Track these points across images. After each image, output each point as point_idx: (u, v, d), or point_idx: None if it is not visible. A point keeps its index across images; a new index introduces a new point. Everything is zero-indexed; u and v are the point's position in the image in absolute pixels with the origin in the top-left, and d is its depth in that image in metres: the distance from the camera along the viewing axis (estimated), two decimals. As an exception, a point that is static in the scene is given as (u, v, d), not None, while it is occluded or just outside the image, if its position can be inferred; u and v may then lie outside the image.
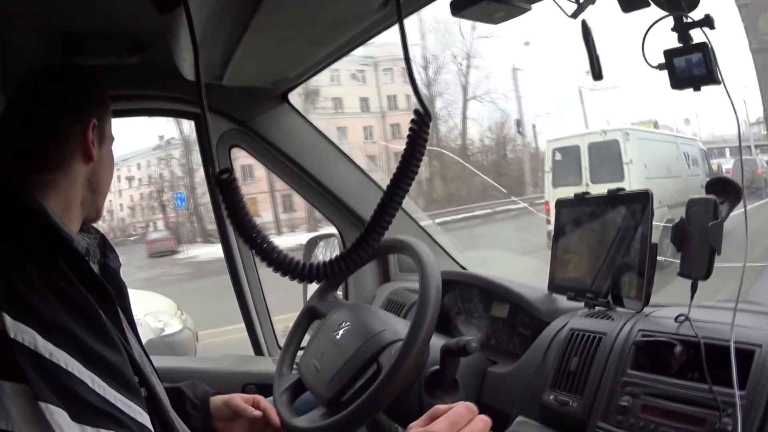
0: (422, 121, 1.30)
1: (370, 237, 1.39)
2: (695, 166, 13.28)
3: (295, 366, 1.76)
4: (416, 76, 1.36)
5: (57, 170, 1.29)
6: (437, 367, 1.55)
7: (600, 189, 1.69)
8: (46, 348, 1.05)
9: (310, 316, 1.83)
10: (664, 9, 1.27)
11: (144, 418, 1.15)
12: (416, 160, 1.32)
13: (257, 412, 1.64)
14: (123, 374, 1.14)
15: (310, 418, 1.54)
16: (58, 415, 1.02)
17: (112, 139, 1.43)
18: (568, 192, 1.76)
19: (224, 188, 1.33)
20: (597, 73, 1.36)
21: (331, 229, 2.66)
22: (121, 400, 1.11)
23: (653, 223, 1.55)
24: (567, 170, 12.12)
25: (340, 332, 1.60)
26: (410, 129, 1.32)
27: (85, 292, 1.15)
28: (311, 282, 1.47)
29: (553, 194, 12.08)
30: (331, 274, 1.42)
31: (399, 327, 1.54)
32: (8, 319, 1.04)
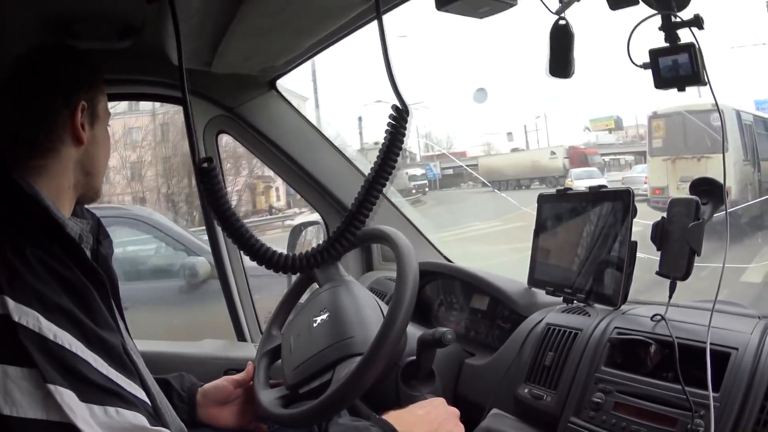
0: (401, 116, 1.34)
1: (349, 228, 1.41)
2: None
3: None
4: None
5: (47, 156, 1.27)
6: (414, 357, 1.56)
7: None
8: (50, 329, 1.05)
9: (307, 280, 1.83)
10: (653, 7, 1.27)
11: (144, 395, 1.16)
12: (394, 154, 1.36)
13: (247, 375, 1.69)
14: (120, 355, 1.14)
15: (271, 396, 1.57)
16: (67, 396, 1.02)
17: (109, 116, 1.40)
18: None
19: (204, 176, 1.34)
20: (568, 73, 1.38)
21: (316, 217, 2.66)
22: (122, 379, 1.11)
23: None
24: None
25: (318, 320, 1.59)
26: (389, 124, 1.35)
27: (81, 276, 1.15)
28: (293, 273, 1.48)
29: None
30: (307, 266, 1.43)
31: (369, 334, 1.48)
32: (11, 303, 1.04)
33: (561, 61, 1.40)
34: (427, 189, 26.00)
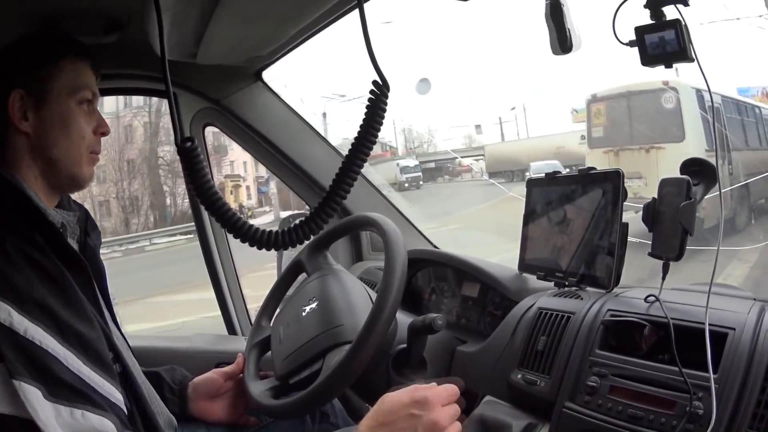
0: (380, 91, 1.32)
1: (328, 204, 1.40)
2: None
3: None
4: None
5: (5, 148, 1.28)
6: (404, 345, 1.54)
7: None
8: (21, 324, 1.05)
9: (296, 269, 1.82)
10: (638, -16, 1.25)
11: (117, 397, 1.15)
12: (374, 129, 1.35)
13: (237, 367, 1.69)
14: (97, 350, 1.14)
15: (261, 388, 1.56)
16: (32, 393, 1.02)
17: (74, 94, 1.34)
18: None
19: (186, 156, 1.33)
20: (568, 47, 1.36)
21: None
22: (96, 379, 1.11)
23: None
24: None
25: (307, 309, 1.58)
26: (369, 99, 1.33)
27: (61, 266, 1.15)
28: (276, 249, 1.46)
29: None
30: (289, 242, 1.42)
31: (358, 322, 1.47)
32: None
33: (561, 38, 1.38)
34: (421, 182, 25.80)
